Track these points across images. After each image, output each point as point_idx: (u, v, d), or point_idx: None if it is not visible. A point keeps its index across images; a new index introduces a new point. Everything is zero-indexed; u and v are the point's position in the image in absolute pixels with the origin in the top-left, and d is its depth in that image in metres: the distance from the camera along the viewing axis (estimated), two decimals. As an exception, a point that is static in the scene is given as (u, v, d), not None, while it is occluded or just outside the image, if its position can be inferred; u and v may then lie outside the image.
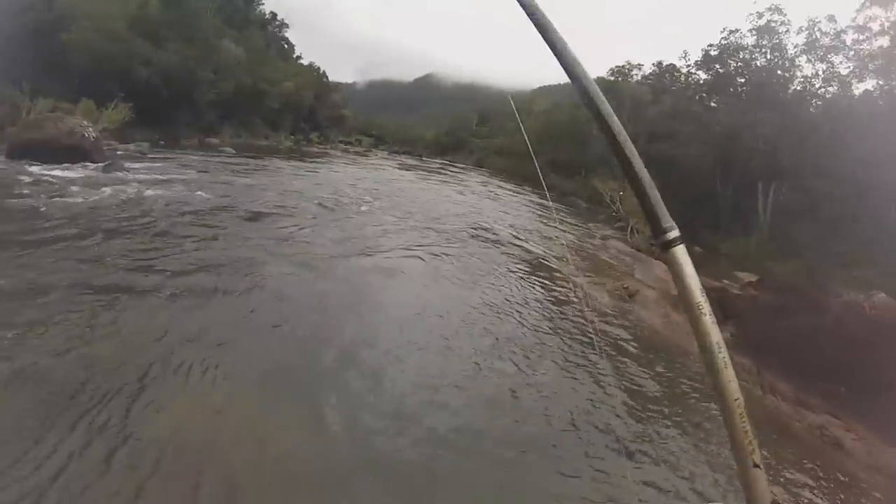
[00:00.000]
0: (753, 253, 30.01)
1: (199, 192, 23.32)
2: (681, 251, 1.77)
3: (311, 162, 44.62)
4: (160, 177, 25.66)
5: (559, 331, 14.91)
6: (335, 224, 21.48)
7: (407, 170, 47.34)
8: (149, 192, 21.94)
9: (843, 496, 10.32)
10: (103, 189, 21.17)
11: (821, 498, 10.04)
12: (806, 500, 9.85)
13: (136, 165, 28.05)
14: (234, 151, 42.78)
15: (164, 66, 43.46)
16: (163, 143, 39.85)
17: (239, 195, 24.10)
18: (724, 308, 18.50)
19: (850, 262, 24.97)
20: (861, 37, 33.06)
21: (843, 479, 10.91)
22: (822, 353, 14.66)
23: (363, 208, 25.28)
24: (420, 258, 18.96)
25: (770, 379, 14.56)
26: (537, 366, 12.42)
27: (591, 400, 11.47)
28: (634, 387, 12.69)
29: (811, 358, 14.68)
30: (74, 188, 20.50)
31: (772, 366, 14.98)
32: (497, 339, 13.45)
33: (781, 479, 10.31)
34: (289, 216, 21.77)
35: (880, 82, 32.95)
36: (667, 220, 1.75)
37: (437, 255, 19.64)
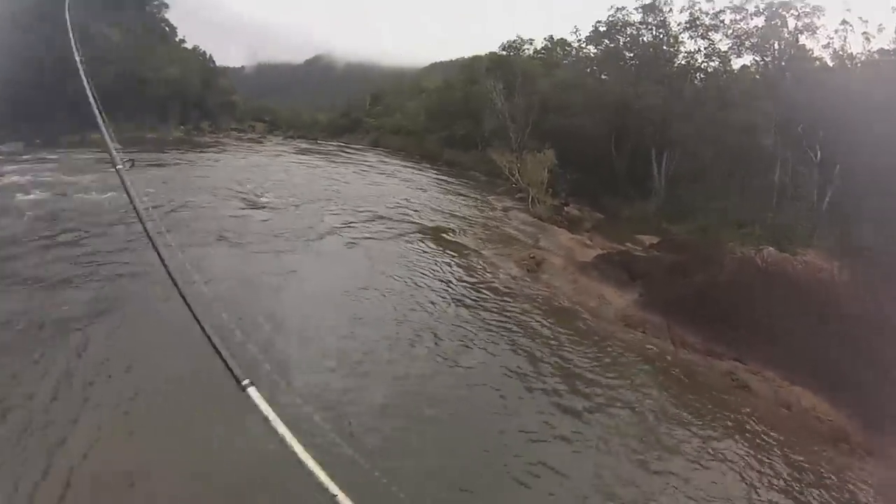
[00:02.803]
0: (652, 216, 31.29)
1: (75, 195, 21.09)
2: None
3: (204, 153, 41.54)
4: (29, 179, 22.98)
5: (470, 306, 14.79)
6: (232, 220, 20.04)
7: (303, 154, 45.11)
8: (21, 198, 19.78)
9: (756, 433, 10.89)
10: None
11: (737, 439, 10.55)
12: (724, 444, 10.29)
13: (6, 169, 25.09)
14: (119, 146, 39.29)
15: (30, 57, 38.65)
16: (38, 141, 36.00)
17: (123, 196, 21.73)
18: (629, 270, 19.07)
19: (740, 220, 26.44)
20: (738, 17, 35.14)
21: (753, 418, 11.45)
22: (724, 305, 15.40)
23: (263, 199, 23.76)
24: (326, 247, 18.27)
25: (679, 332, 14.98)
26: (453, 342, 12.35)
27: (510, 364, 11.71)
28: (551, 349, 12.85)
29: (714, 310, 15.35)
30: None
31: (679, 320, 15.48)
32: (413, 317, 13.30)
33: (699, 424, 10.77)
34: (185, 214, 20.28)
35: (756, 58, 35.15)
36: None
37: (346, 242, 19.02)
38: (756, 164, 29.13)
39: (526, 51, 52.32)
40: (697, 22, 37.15)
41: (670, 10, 38.53)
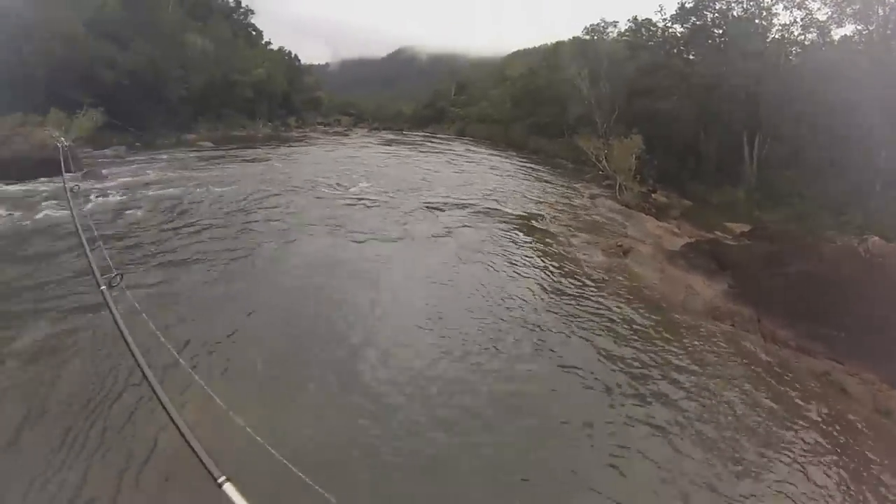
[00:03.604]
0: (743, 203, 30.01)
1: (182, 189, 23.10)
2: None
3: (291, 147, 44.15)
4: (138, 179, 25.29)
5: (557, 295, 14.92)
6: (328, 209, 21.31)
7: (389, 145, 46.97)
8: (123, 198, 21.55)
9: (852, 442, 10.25)
10: (91, 196, 20.94)
11: (829, 445, 10.00)
12: (816, 448, 9.80)
13: (114, 170, 27.51)
14: (212, 145, 42.17)
15: (130, 67, 42.43)
16: (139, 144, 38.98)
17: (225, 189, 23.77)
18: (718, 259, 18.51)
19: (839, 207, 25.07)
20: None
21: (850, 424, 10.83)
22: (821, 299, 14.64)
23: (353, 189, 25.04)
24: (417, 235, 18.89)
25: (770, 327, 14.53)
26: (545, 324, 12.64)
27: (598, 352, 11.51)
28: (636, 340, 12.60)
29: (810, 304, 14.66)
30: (49, 202, 20.00)
31: (771, 314, 14.92)
32: (503, 307, 13.50)
33: (791, 426, 10.32)
34: (278, 203, 21.73)
35: (859, 27, 32.33)
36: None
37: (436, 231, 19.63)
38: (857, 146, 27.26)
39: (610, 34, 51.02)
40: None
41: None
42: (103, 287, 2.94)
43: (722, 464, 8.98)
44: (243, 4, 69.57)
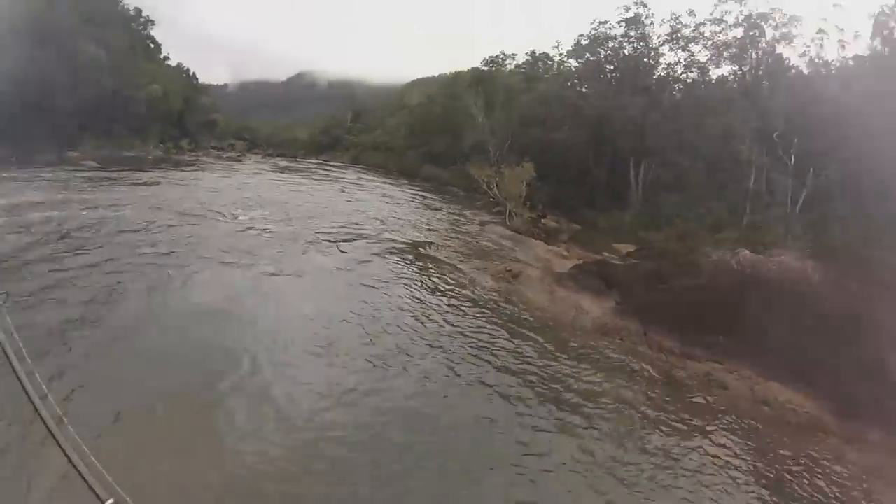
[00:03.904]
0: (629, 225, 31.44)
1: (66, 214, 20.76)
2: None
3: (183, 171, 40.91)
4: (14, 200, 22.02)
5: (447, 321, 14.81)
6: (212, 239, 19.85)
7: (282, 172, 45.49)
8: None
9: (735, 429, 11.04)
10: None
11: (718, 435, 10.69)
12: (704, 441, 10.42)
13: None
14: (97, 165, 38.02)
15: (10, 72, 37.56)
16: (14, 159, 35.08)
17: (102, 216, 21.38)
18: (605, 279, 19.09)
19: (716, 225, 26.77)
20: (718, 28, 36.05)
21: (732, 415, 11.62)
22: (700, 309, 15.43)
23: (241, 218, 23.66)
24: (301, 266, 18.06)
25: (657, 338, 15.07)
26: (429, 360, 12.37)
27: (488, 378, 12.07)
28: (529, 360, 12.99)
29: (691, 314, 15.41)
30: None
31: (656, 326, 15.59)
32: (390, 336, 13.28)
33: (680, 425, 10.88)
34: (170, 232, 20.14)
35: (734, 68, 36.24)
36: None
37: (322, 260, 19.06)
38: (732, 171, 29.43)
39: (508, 65, 52.60)
40: (678, 34, 38.05)
41: (651, 23, 39.30)
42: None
43: (618, 453, 9.48)
44: (144, 13, 64.57)
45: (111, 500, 2.00)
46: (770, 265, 17.52)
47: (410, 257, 20.54)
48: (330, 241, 21.32)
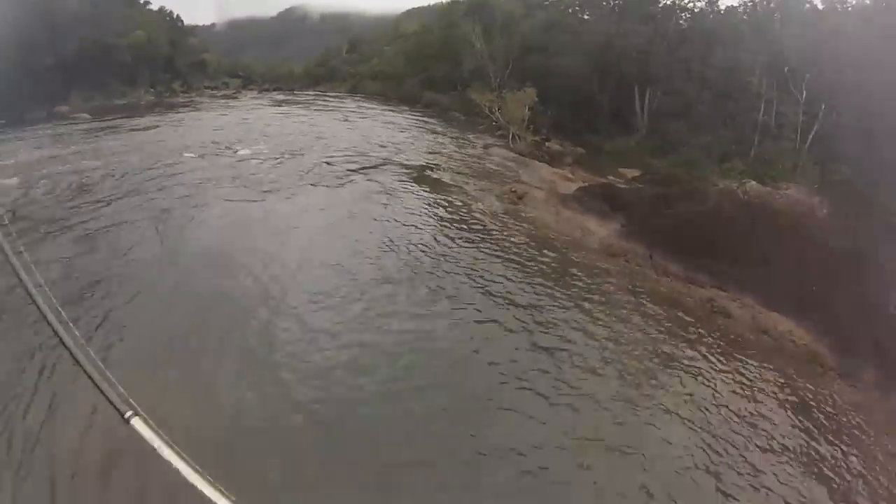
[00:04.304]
0: (634, 151, 31.07)
1: (71, 167, 20.17)
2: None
3: (179, 113, 39.65)
4: (14, 161, 21.15)
5: (454, 241, 14.83)
6: (221, 178, 19.36)
7: (280, 105, 44.49)
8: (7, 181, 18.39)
9: (736, 355, 11.24)
10: None
11: (717, 359, 10.94)
12: (704, 363, 10.68)
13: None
14: (89, 117, 36.81)
15: None
16: (3, 121, 33.28)
17: (97, 166, 20.64)
18: (611, 202, 19.02)
19: (723, 155, 26.63)
20: None
21: (733, 340, 11.87)
22: (706, 236, 15.57)
23: (246, 152, 23.28)
24: (309, 191, 18.13)
25: (661, 262, 15.18)
26: (438, 278, 12.50)
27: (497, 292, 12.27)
28: (536, 279, 13.15)
29: (696, 240, 15.51)
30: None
31: (661, 250, 15.69)
32: (398, 255, 13.43)
33: (681, 346, 11.12)
34: (160, 174, 19.61)
35: None
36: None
37: (329, 187, 18.90)
38: (740, 102, 28.87)
39: (506, -7, 50.66)
40: None
41: None
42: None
43: (625, 378, 9.64)
44: None
45: (130, 413, 2.09)
46: (777, 197, 17.61)
47: (417, 180, 20.41)
48: (334, 168, 21.07)
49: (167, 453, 1.92)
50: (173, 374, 8.19)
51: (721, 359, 10.91)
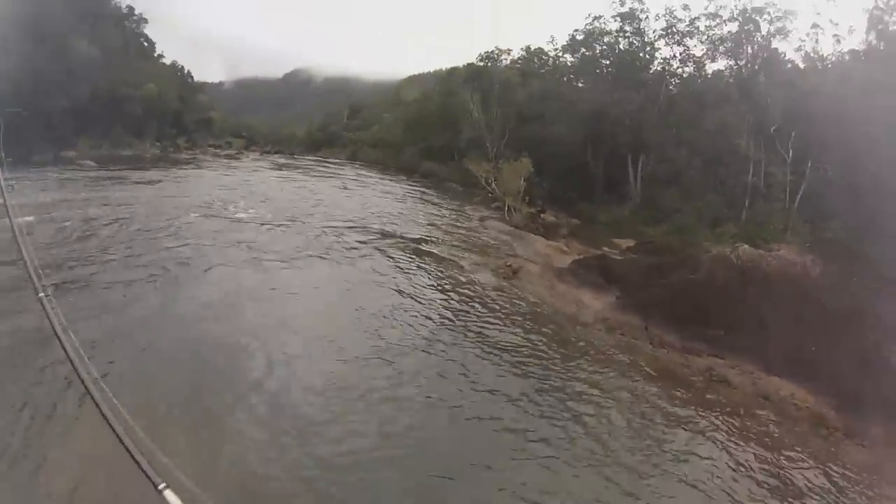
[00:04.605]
0: (628, 220, 31.47)
1: (77, 213, 21.25)
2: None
3: (183, 169, 41.24)
4: (18, 201, 22.35)
5: (447, 319, 14.74)
6: (222, 235, 20.16)
7: (281, 169, 45.77)
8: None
9: (738, 424, 11.01)
10: None
11: (719, 430, 10.68)
12: (706, 436, 10.43)
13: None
14: (95, 165, 38.39)
15: (6, 73, 37.34)
16: (11, 160, 34.69)
17: (104, 215, 21.70)
18: (606, 273, 19.12)
19: (715, 220, 26.95)
20: (713, 22, 36.00)
21: (734, 410, 11.62)
22: (701, 303, 15.50)
23: (247, 215, 23.89)
24: (301, 264, 18.08)
25: (657, 333, 15.10)
26: (433, 357, 12.36)
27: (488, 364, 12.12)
28: (531, 355, 13.04)
29: (691, 309, 15.44)
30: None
31: (657, 321, 15.61)
32: (391, 334, 13.19)
33: (682, 420, 10.90)
34: (165, 230, 20.26)
35: (730, 62, 36.16)
36: None
37: (322, 257, 19.03)
38: (730, 166, 29.46)
39: (503, 61, 52.45)
40: (673, 29, 37.73)
41: (647, 17, 39.02)
42: (42, 295, 2.69)
43: (626, 448, 9.52)
44: (137, 11, 64.00)
45: (163, 484, 2.13)
46: (770, 259, 17.60)
47: (412, 253, 20.58)
48: (333, 237, 21.39)
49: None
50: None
51: (724, 429, 10.70)
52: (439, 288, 17.09)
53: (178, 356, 10.72)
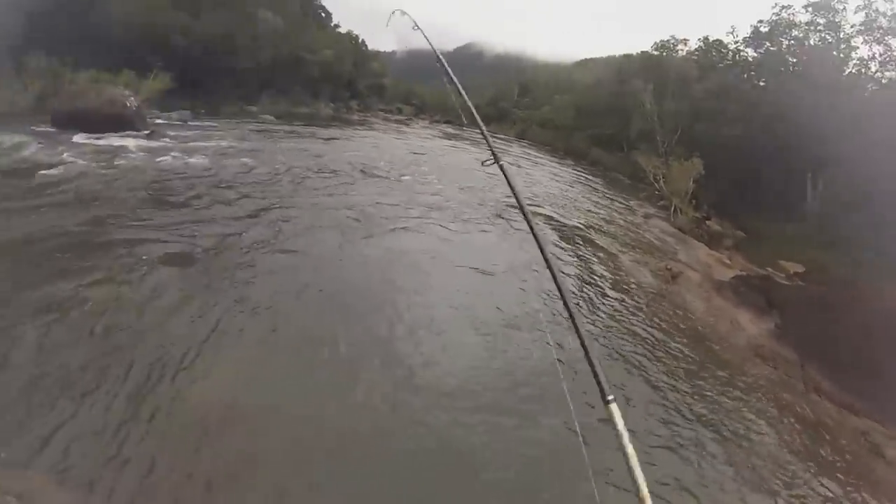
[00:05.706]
0: (800, 241, 28.09)
1: (245, 160, 24.06)
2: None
3: (356, 130, 45.61)
4: (202, 144, 26.35)
5: (600, 308, 14.83)
6: (400, 202, 21.72)
7: (451, 139, 47.41)
8: (191, 160, 22.55)
9: None
10: (153, 157, 22.01)
11: None
12: None
13: (179, 133, 28.56)
14: (274, 119, 43.19)
15: (202, 36, 43.35)
16: (203, 111, 39.89)
17: (291, 162, 24.98)
18: (768, 297, 17.91)
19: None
20: None
21: (880, 491, 10.32)
22: (872, 354, 13.85)
23: (421, 181, 26.11)
24: (474, 238, 19.15)
25: (814, 375, 14.04)
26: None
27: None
28: (673, 367, 12.48)
29: (860, 357, 13.98)
30: (121, 156, 21.17)
31: (816, 362, 14.42)
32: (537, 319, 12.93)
33: (822, 485, 9.91)
34: (343, 182, 23.00)
35: None
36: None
37: (487, 230, 20.11)
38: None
39: (679, 51, 49.93)
40: (874, 24, 33.00)
41: (843, 8, 34.48)
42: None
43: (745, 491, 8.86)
44: None
45: (611, 397, 2.34)
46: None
47: (577, 240, 20.80)
48: (501, 217, 21.95)
49: (626, 441, 2.16)
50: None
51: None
52: (595, 278, 17.17)
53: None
